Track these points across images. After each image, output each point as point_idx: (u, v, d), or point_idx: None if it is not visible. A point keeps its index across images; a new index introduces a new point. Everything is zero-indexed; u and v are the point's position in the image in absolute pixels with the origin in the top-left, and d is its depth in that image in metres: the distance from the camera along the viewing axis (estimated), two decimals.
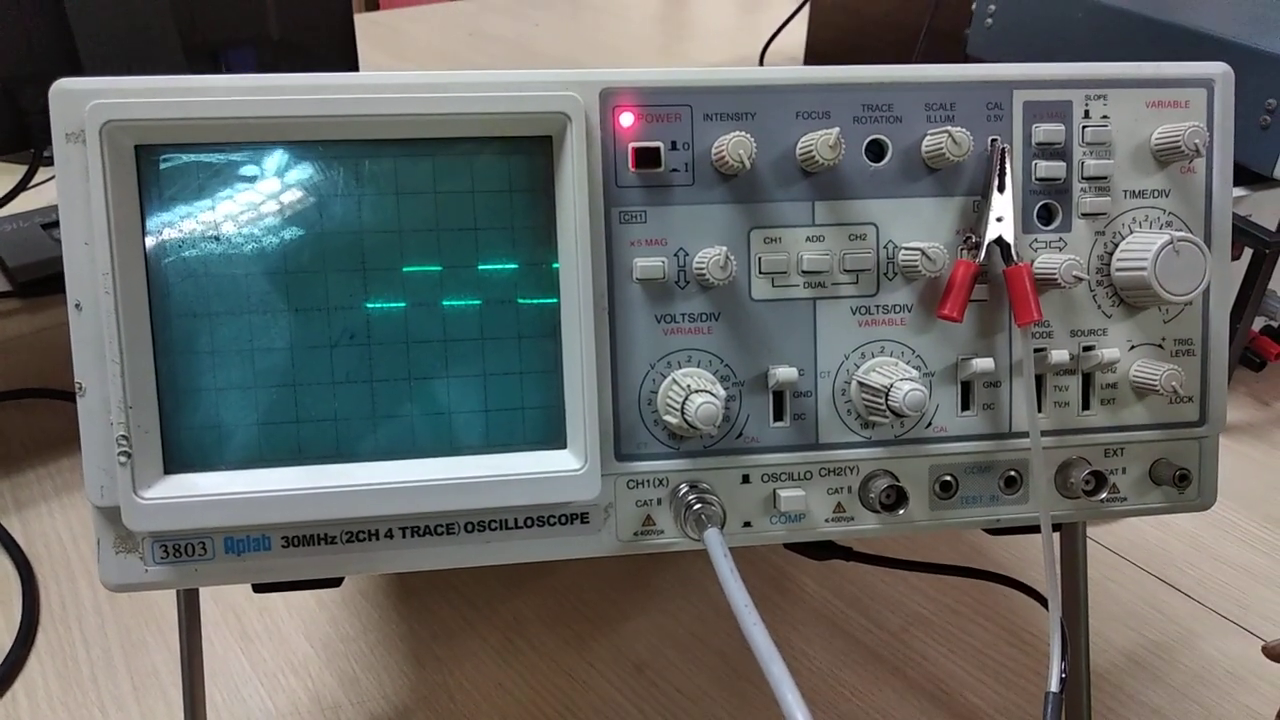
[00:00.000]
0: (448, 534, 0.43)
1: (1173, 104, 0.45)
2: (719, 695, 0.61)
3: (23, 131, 0.81)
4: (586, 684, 0.62)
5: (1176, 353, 0.46)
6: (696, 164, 0.43)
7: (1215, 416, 0.47)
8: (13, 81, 0.78)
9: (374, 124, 0.40)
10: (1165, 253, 0.43)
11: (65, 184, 0.39)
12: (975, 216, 0.44)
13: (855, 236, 0.44)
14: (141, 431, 0.39)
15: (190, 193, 0.40)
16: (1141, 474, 0.47)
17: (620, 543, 0.44)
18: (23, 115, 0.81)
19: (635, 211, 0.43)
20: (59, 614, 0.66)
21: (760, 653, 0.34)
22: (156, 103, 0.38)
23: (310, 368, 0.41)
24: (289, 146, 0.40)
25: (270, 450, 0.41)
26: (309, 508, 0.40)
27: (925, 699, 0.61)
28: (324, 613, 0.67)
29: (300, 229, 0.41)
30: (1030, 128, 0.45)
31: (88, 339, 0.39)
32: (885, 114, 0.44)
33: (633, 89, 0.42)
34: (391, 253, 0.41)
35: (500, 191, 0.42)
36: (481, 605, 0.67)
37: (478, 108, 0.40)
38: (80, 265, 0.39)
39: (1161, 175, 0.45)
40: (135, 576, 0.42)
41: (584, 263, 0.41)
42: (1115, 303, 0.46)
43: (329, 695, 0.61)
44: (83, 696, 0.60)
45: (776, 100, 0.43)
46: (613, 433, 0.43)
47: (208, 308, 0.40)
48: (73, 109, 0.38)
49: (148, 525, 0.39)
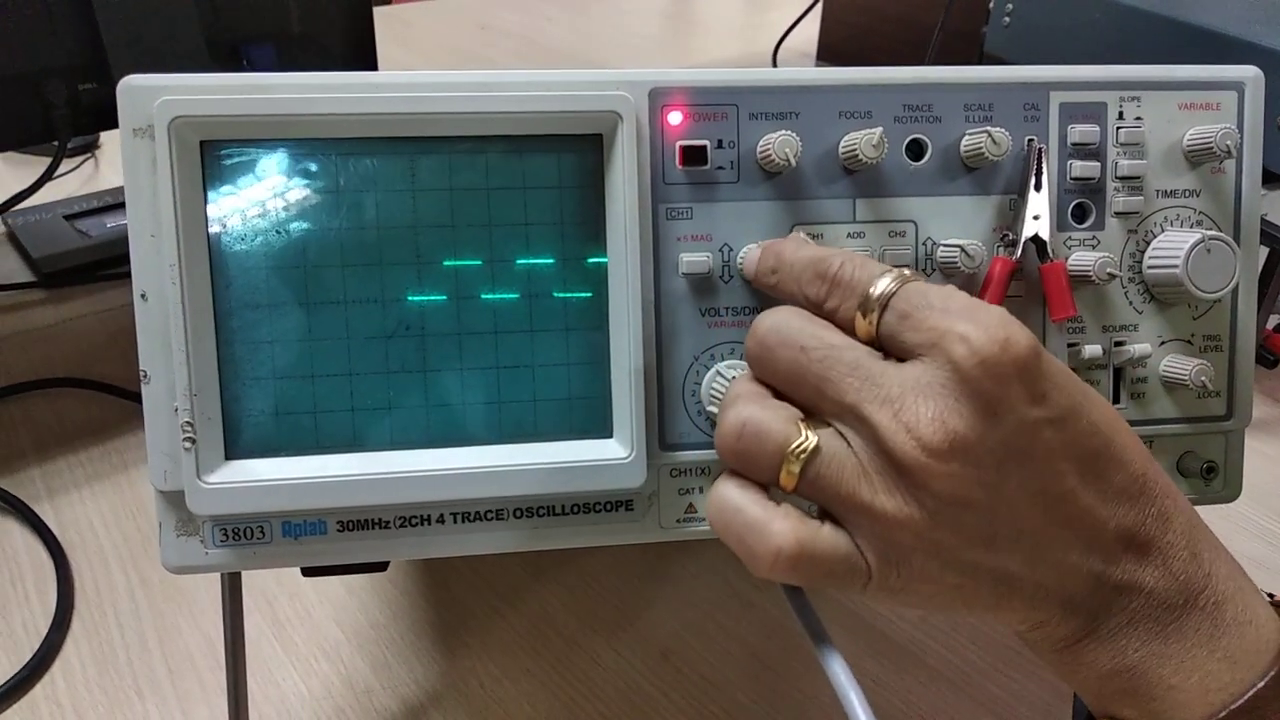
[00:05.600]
0: (497, 519, 0.44)
1: (1204, 106, 0.46)
2: (743, 683, 0.62)
3: (47, 124, 0.82)
4: (613, 670, 0.63)
5: (1205, 349, 0.48)
6: (742, 162, 0.44)
7: (1242, 411, 0.48)
8: (37, 75, 0.79)
9: (431, 121, 0.41)
10: (1197, 251, 0.44)
11: (132, 178, 0.40)
12: (1012, 215, 0.45)
13: (895, 233, 0.45)
14: (205, 418, 0.40)
15: (251, 187, 0.41)
16: (1169, 466, 0.49)
17: (663, 530, 0.45)
18: (47, 108, 0.81)
19: (682, 208, 0.44)
20: (93, 599, 0.67)
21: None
22: (222, 99, 0.39)
23: (366, 357, 0.42)
24: (347, 143, 0.41)
25: (327, 437, 0.42)
26: (365, 493, 0.41)
27: (947, 687, 0.62)
28: (354, 600, 0.68)
29: (357, 223, 0.42)
30: (1066, 128, 0.46)
31: (153, 328, 0.40)
32: (925, 114, 0.45)
33: (681, 89, 0.43)
34: (444, 247, 0.42)
35: (550, 188, 0.43)
36: (508, 594, 0.68)
37: (531, 106, 0.41)
38: (146, 256, 0.40)
39: (1192, 175, 0.47)
40: (196, 559, 0.43)
41: (632, 257, 0.42)
42: (1146, 299, 0.47)
43: (361, 679, 0.62)
44: (119, 679, 0.61)
45: (820, 100, 0.44)
46: (657, 423, 0.44)
47: (268, 299, 0.41)
48: (140, 105, 0.39)
49: (211, 509, 0.41)
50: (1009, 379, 0.33)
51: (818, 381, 0.36)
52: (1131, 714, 0.37)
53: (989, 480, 0.34)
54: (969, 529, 0.34)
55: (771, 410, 0.36)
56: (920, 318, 0.34)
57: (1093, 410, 0.35)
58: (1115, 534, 0.35)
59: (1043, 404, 0.34)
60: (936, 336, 0.34)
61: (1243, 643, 0.35)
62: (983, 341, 0.33)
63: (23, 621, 0.65)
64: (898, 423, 0.33)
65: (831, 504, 0.35)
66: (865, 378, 0.35)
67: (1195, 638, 0.35)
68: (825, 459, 0.35)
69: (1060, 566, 0.35)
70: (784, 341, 0.37)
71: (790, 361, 0.36)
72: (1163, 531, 0.36)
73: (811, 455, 0.35)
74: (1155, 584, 0.36)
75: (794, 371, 0.36)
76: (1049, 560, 0.35)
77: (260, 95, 0.40)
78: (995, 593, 0.36)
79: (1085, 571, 0.35)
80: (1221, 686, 0.35)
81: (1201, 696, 0.35)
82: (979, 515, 0.34)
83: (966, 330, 0.33)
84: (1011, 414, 0.33)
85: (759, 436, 0.35)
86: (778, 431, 0.35)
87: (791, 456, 0.35)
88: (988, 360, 0.32)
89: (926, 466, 0.33)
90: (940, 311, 0.34)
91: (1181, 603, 0.36)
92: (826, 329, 0.37)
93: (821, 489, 0.35)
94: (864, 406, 0.34)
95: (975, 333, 0.33)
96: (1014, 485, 0.34)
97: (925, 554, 0.35)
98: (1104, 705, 0.38)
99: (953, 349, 0.33)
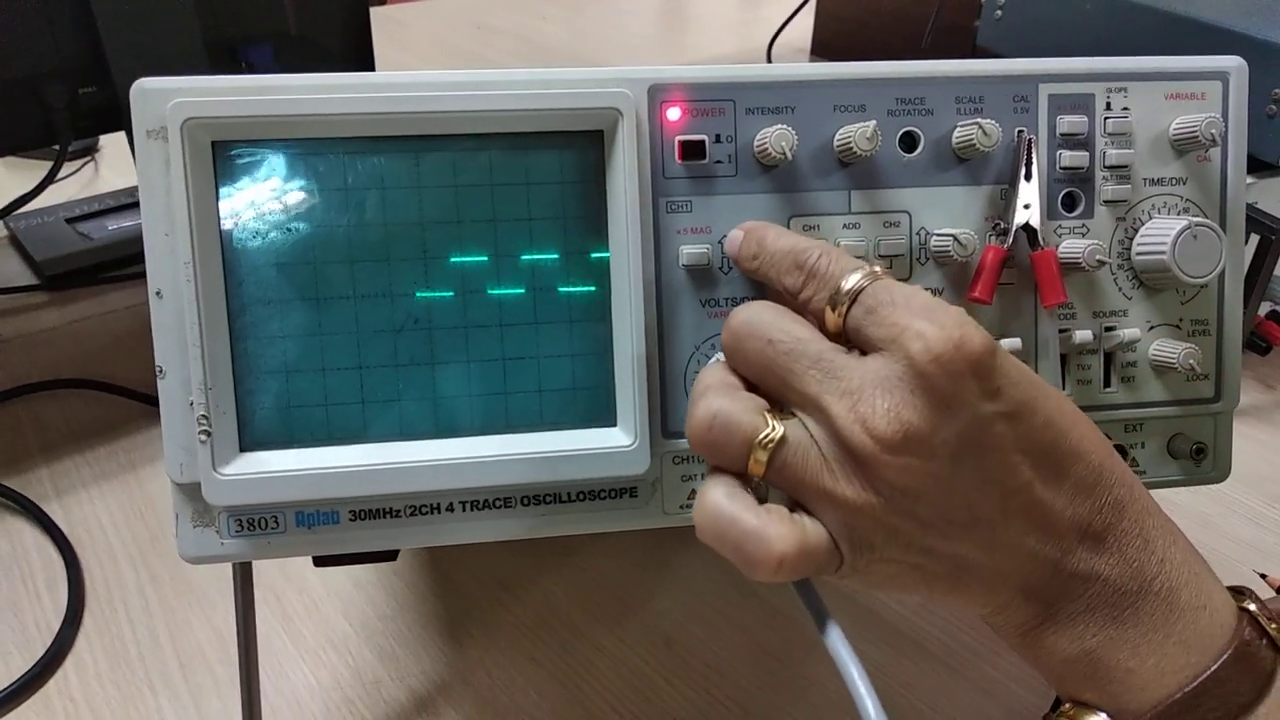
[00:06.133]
0: (505, 507, 0.45)
1: (1190, 96, 0.47)
2: (746, 669, 0.63)
3: (47, 128, 0.83)
4: (617, 658, 0.64)
5: (1193, 333, 0.49)
6: (739, 156, 0.45)
7: (1230, 393, 0.50)
8: (38, 79, 0.79)
9: (437, 120, 0.42)
10: (1184, 237, 0.45)
11: (146, 178, 0.41)
12: (1003, 204, 0.46)
13: (890, 224, 0.46)
14: (220, 412, 0.41)
15: (262, 186, 0.42)
16: (1159, 448, 0.50)
17: (666, 515, 0.47)
18: (48, 111, 0.82)
19: (681, 201, 0.45)
20: (104, 596, 0.68)
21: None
22: (234, 101, 0.40)
23: (375, 351, 0.43)
24: (354, 142, 0.42)
25: (338, 429, 0.43)
26: (376, 482, 0.42)
27: (945, 671, 0.63)
28: (360, 593, 0.68)
29: (364, 220, 0.43)
30: (1055, 119, 0.47)
31: (168, 325, 0.41)
32: (918, 107, 0.46)
33: (679, 85, 0.44)
34: (450, 242, 0.43)
35: (553, 183, 0.44)
36: (512, 585, 0.69)
37: (534, 104, 0.42)
38: (161, 255, 0.41)
39: (1179, 164, 0.48)
40: (212, 549, 0.44)
41: (634, 250, 0.43)
42: (1135, 285, 0.48)
43: (369, 671, 0.63)
44: (131, 674, 0.62)
45: (815, 95, 0.45)
46: (660, 411, 0.45)
47: (279, 294, 0.42)
48: (154, 107, 0.40)
49: (227, 500, 0.42)
50: (962, 375, 0.34)
51: (784, 373, 0.37)
52: (1093, 697, 0.38)
53: (942, 472, 0.35)
54: (923, 516, 0.36)
55: (740, 402, 0.37)
56: (884, 314, 0.36)
57: (1047, 404, 0.36)
58: (1071, 524, 0.37)
59: (996, 399, 0.35)
60: (897, 332, 0.35)
61: (1197, 627, 0.37)
62: (938, 339, 0.34)
63: (35, 619, 0.66)
64: (854, 415, 0.35)
65: (797, 491, 0.37)
66: (827, 370, 0.36)
67: (1150, 622, 0.37)
68: (791, 448, 0.36)
69: (1017, 554, 0.37)
70: (753, 334, 0.38)
71: (758, 353, 0.38)
72: (1118, 520, 0.37)
73: (779, 445, 0.36)
74: (1110, 571, 0.37)
75: (762, 363, 0.38)
76: (1005, 547, 0.36)
77: (270, 96, 0.41)
78: (953, 576, 0.37)
79: (1042, 559, 0.37)
80: (1177, 669, 0.36)
81: (1158, 679, 0.36)
82: (932, 503, 0.35)
83: (923, 328, 0.34)
84: (965, 408, 0.35)
85: (728, 428, 0.37)
86: (746, 423, 0.37)
87: (759, 446, 0.36)
88: (941, 357, 0.34)
89: (879, 458, 0.34)
90: (902, 309, 0.36)
91: (1136, 589, 0.37)
92: (795, 323, 0.38)
93: (787, 477, 0.37)
94: (824, 398, 0.36)
95: (931, 330, 0.34)
96: (968, 476, 0.35)
97: (885, 537, 0.36)
98: (1068, 689, 0.39)
99: (910, 345, 0.34)
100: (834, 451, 0.36)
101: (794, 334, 0.37)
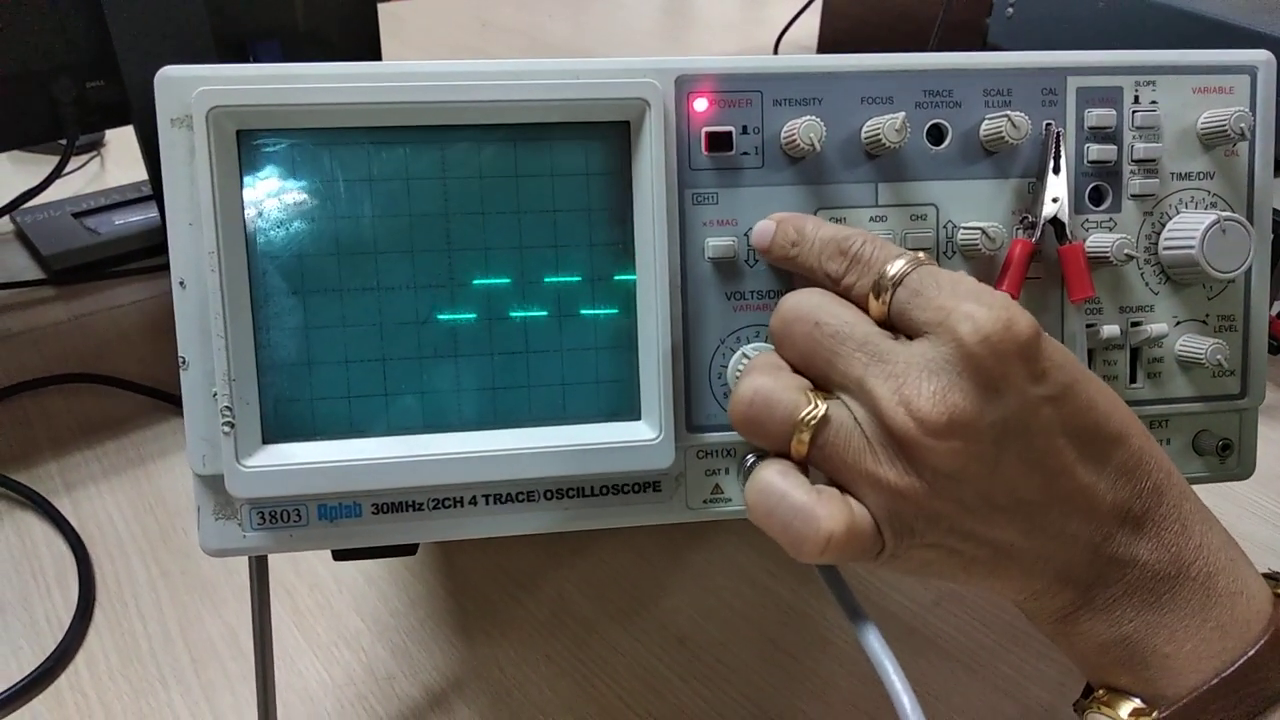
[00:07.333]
0: (528, 501, 0.45)
1: (1218, 90, 0.47)
2: (759, 667, 0.63)
3: (55, 122, 0.82)
4: (631, 656, 0.63)
5: (1219, 328, 0.48)
6: (766, 147, 0.44)
7: (1256, 389, 0.49)
8: (46, 72, 0.79)
9: (463, 110, 0.42)
10: (1213, 232, 0.45)
11: (170, 167, 0.40)
12: (1030, 197, 0.46)
13: (917, 217, 0.46)
14: (243, 403, 0.41)
15: (286, 176, 0.41)
16: (1185, 444, 0.50)
17: (690, 510, 0.46)
18: (55, 105, 0.81)
19: (708, 193, 0.44)
20: (115, 591, 0.68)
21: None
22: (258, 89, 0.40)
23: (399, 343, 0.43)
24: (379, 131, 0.42)
25: (362, 421, 0.43)
26: (399, 475, 0.42)
27: (960, 669, 0.62)
28: (373, 589, 0.68)
29: (389, 210, 0.42)
30: (1083, 112, 0.46)
31: (191, 315, 0.41)
32: (946, 99, 0.45)
33: (707, 75, 0.44)
34: (474, 233, 0.43)
35: (579, 175, 0.43)
36: (526, 582, 0.69)
37: (561, 94, 0.42)
38: (184, 245, 0.41)
39: (1206, 158, 0.47)
40: (234, 542, 0.43)
41: (660, 242, 0.43)
42: (1162, 280, 0.48)
43: (382, 667, 0.62)
44: (143, 670, 0.62)
45: (843, 86, 0.45)
46: (685, 405, 0.45)
47: (303, 285, 0.42)
48: (178, 96, 0.40)
49: (250, 492, 0.41)
50: (1010, 357, 0.34)
51: (829, 355, 0.37)
52: (1127, 682, 0.38)
53: (987, 455, 0.35)
54: (967, 500, 0.35)
55: (782, 380, 0.37)
56: (930, 297, 0.36)
57: (1090, 388, 0.36)
58: (1111, 508, 0.37)
59: (1042, 382, 0.35)
60: (944, 315, 0.35)
61: (1234, 613, 0.37)
62: (987, 319, 0.34)
63: (45, 613, 0.66)
64: (899, 397, 0.35)
65: (840, 473, 0.37)
66: (873, 353, 0.36)
67: (1188, 608, 0.37)
68: (834, 428, 0.36)
69: (1058, 538, 0.36)
70: (801, 317, 0.38)
71: (805, 336, 0.38)
72: (1156, 505, 0.37)
73: (821, 424, 0.36)
74: (1149, 556, 0.37)
75: (808, 346, 0.38)
76: (1047, 531, 0.36)
77: (296, 85, 0.40)
78: (992, 561, 0.37)
79: (1082, 543, 0.37)
80: (1213, 655, 0.36)
81: (1194, 664, 0.36)
82: (976, 487, 0.35)
83: (972, 309, 0.34)
84: (1011, 391, 0.34)
85: (769, 404, 0.37)
86: (788, 400, 0.37)
87: (802, 424, 0.36)
88: (991, 338, 0.34)
89: (922, 441, 0.34)
90: (949, 292, 0.36)
91: (1174, 574, 0.37)
92: (843, 307, 0.38)
93: (829, 457, 0.36)
94: (869, 380, 0.36)
95: (980, 312, 0.34)
96: (1012, 459, 0.35)
97: (927, 521, 0.36)
98: (1101, 675, 0.39)
99: (958, 326, 0.34)
100: (877, 434, 0.35)
101: (841, 317, 0.37)
